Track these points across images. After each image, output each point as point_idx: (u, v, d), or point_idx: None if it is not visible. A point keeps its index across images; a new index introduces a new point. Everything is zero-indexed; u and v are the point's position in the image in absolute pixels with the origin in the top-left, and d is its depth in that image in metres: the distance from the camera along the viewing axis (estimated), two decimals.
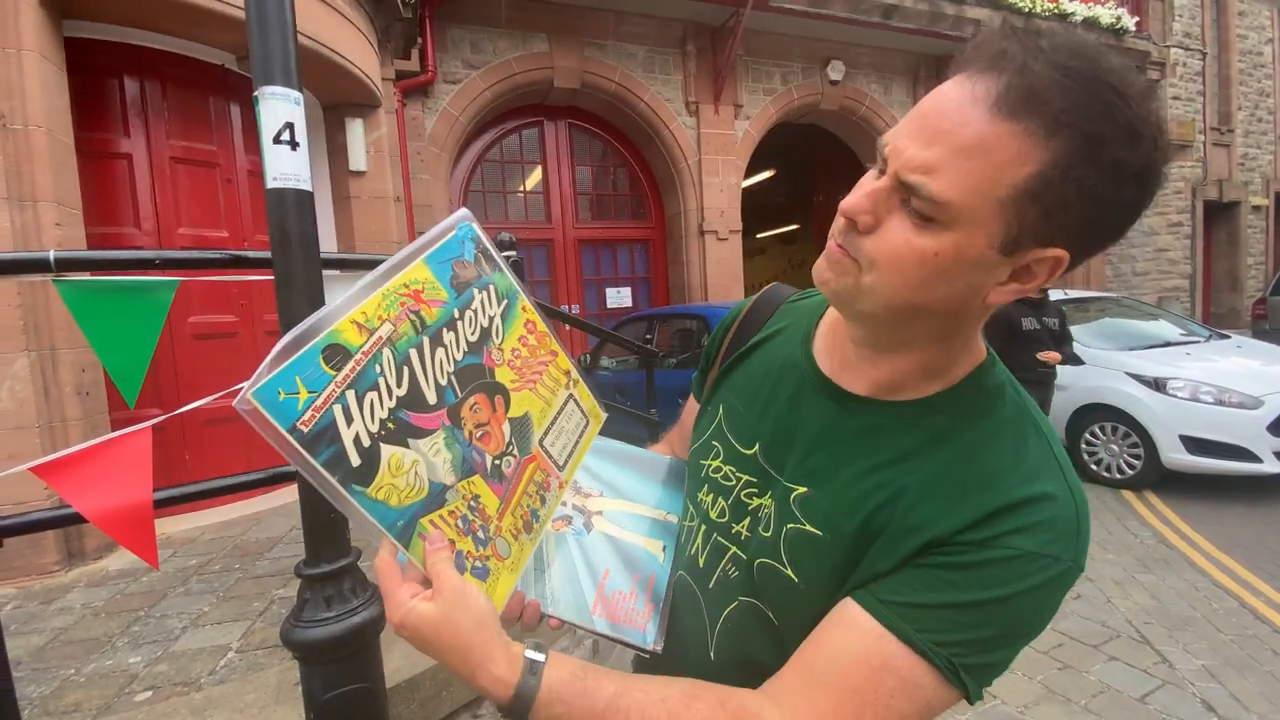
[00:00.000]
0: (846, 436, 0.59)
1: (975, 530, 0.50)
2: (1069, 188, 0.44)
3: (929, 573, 0.51)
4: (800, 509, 0.59)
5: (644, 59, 7.29)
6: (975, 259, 0.47)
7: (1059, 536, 0.50)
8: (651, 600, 0.68)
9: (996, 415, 0.55)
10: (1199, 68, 10.12)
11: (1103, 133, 0.43)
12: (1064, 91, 0.42)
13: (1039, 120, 0.43)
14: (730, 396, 0.72)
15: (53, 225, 2.90)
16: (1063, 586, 0.51)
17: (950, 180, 0.45)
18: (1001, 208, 0.45)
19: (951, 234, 0.46)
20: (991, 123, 0.44)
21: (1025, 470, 0.52)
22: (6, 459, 2.69)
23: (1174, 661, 2.46)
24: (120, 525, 1.25)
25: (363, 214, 4.95)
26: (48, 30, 3.00)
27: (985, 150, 0.44)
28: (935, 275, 0.48)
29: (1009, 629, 0.50)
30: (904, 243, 0.48)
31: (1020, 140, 0.43)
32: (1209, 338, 5.38)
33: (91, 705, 1.82)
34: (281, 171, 1.15)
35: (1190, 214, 9.99)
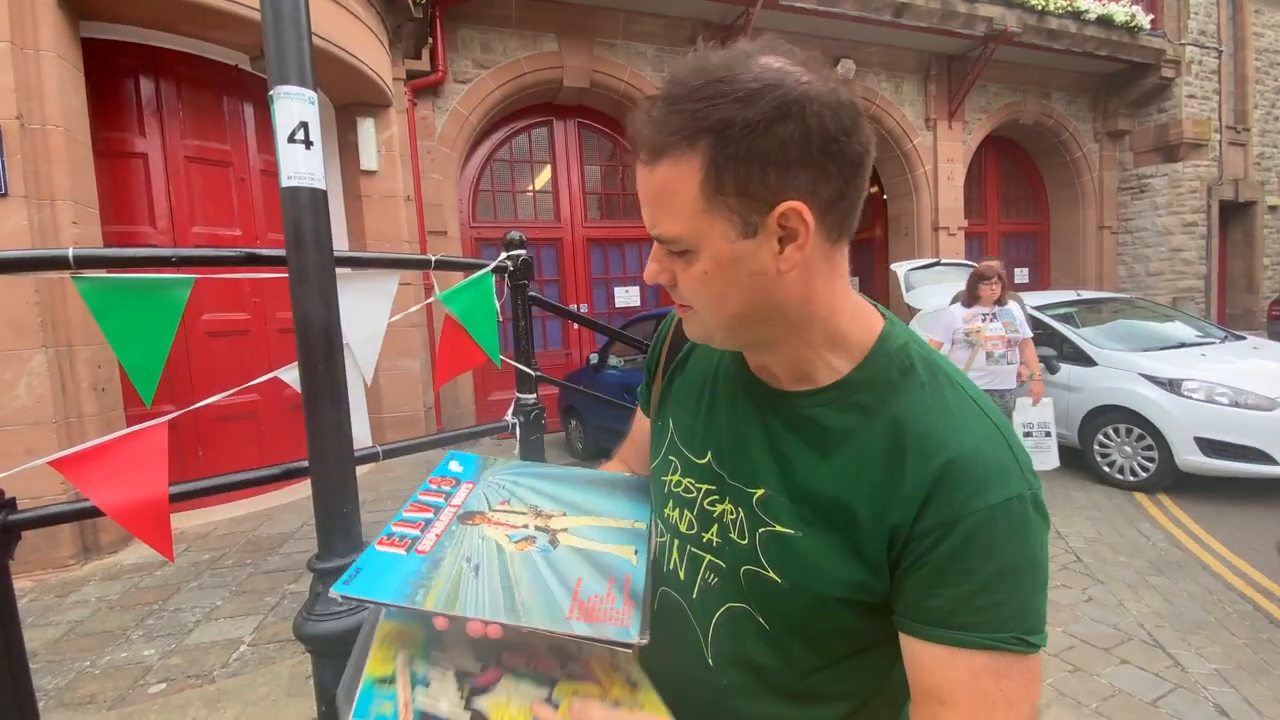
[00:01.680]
0: (785, 431, 0.62)
1: (936, 507, 0.53)
2: (734, 166, 0.50)
3: (936, 573, 0.53)
4: (765, 511, 0.61)
5: (653, 58, 7.29)
6: (732, 256, 0.54)
7: (1006, 475, 0.53)
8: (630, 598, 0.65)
9: (912, 378, 0.58)
10: (1214, 66, 9.99)
11: (721, 116, 0.49)
12: (673, 118, 0.51)
13: (674, 149, 0.51)
14: (676, 409, 0.75)
15: (70, 223, 2.94)
16: (1036, 510, 0.54)
17: (669, 222, 0.54)
18: (708, 213, 0.52)
19: (702, 253, 0.54)
20: (653, 173, 0.53)
21: (956, 427, 0.55)
22: (24, 454, 2.73)
23: (1186, 665, 2.44)
24: (136, 519, 1.27)
25: (374, 213, 4.98)
26: (65, 31, 3.04)
27: (665, 191, 0.53)
28: (722, 286, 0.55)
29: (1028, 577, 0.53)
30: (688, 278, 0.56)
31: (674, 168, 0.52)
32: (1224, 339, 5.32)
33: (106, 697, 1.84)
34: (296, 170, 1.16)
35: (1205, 214, 9.87)
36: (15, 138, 2.79)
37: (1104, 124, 10.20)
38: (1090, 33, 8.62)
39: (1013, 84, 9.37)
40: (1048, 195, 10.76)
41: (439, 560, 0.62)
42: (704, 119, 0.50)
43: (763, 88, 0.49)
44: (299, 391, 1.28)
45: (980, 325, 4.08)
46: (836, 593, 0.57)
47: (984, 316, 4.10)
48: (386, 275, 1.85)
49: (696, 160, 0.51)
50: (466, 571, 0.61)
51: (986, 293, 4.13)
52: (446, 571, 0.61)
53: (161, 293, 1.35)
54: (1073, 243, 10.51)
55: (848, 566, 0.57)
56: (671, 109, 0.51)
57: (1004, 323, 4.11)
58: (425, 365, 5.54)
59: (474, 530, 0.67)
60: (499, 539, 0.66)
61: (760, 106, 0.49)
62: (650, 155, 0.53)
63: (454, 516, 0.68)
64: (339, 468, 1.25)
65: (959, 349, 4.16)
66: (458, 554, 0.63)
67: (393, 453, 1.75)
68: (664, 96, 0.52)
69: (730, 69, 0.51)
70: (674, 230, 0.54)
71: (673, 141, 0.51)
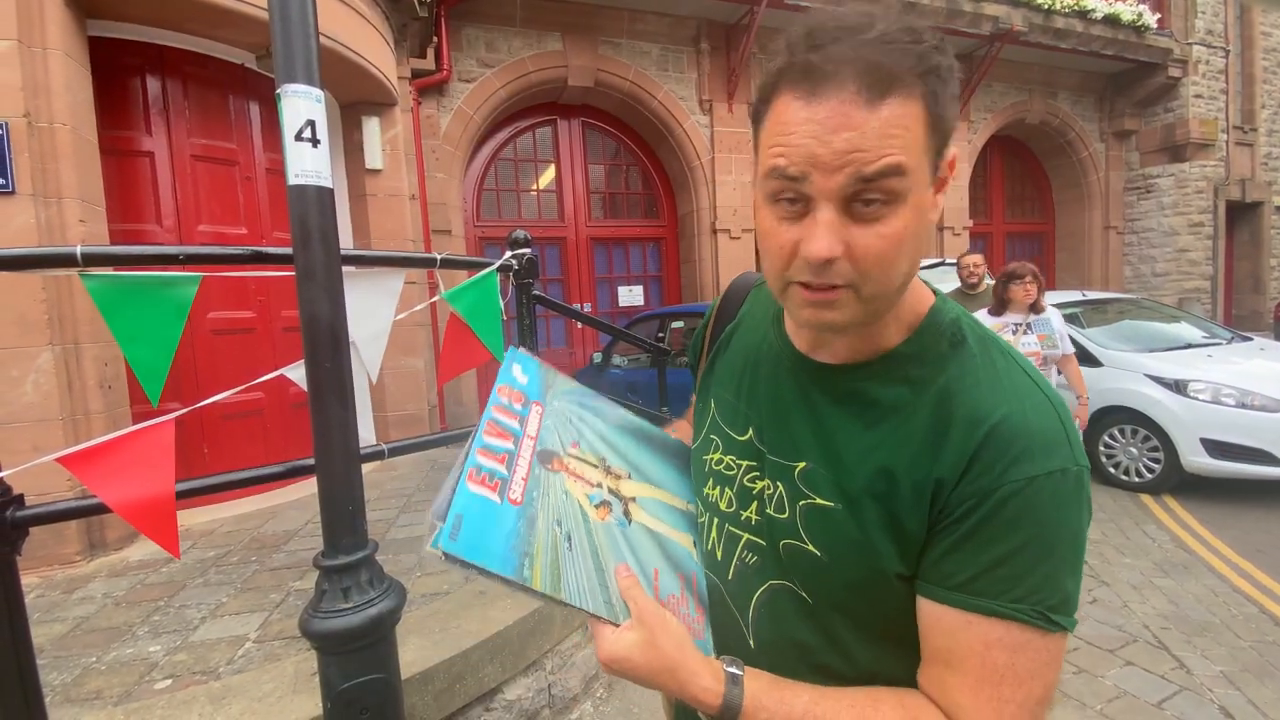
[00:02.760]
0: (829, 405, 0.61)
1: (975, 474, 0.52)
2: (945, 109, 0.51)
3: (964, 539, 0.53)
4: (806, 484, 0.61)
5: (658, 57, 7.28)
6: (925, 205, 0.52)
7: (1052, 448, 0.52)
8: (700, 603, 0.67)
9: (963, 350, 0.58)
10: (1222, 65, 9.94)
11: (936, 60, 0.50)
12: (895, 54, 0.49)
13: (904, 85, 0.49)
14: (718, 389, 0.75)
15: (77, 221, 2.95)
16: (1079, 489, 0.52)
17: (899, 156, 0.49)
18: (924, 155, 0.51)
19: (908, 201, 0.51)
20: (876, 109, 0.48)
21: (1006, 396, 0.54)
22: (31, 451, 2.75)
23: (1192, 667, 2.43)
24: (143, 515, 1.28)
25: (378, 211, 4.99)
26: (72, 29, 3.06)
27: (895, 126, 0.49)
28: (913, 242, 0.52)
29: (1060, 554, 0.52)
30: (879, 240, 0.51)
31: (904, 105, 0.49)
32: (1231, 340, 5.29)
33: (112, 693, 1.85)
34: (303, 168, 1.17)
35: (1212, 214, 9.82)
36: (22, 136, 2.81)
37: (1110, 123, 10.16)
38: (1097, 32, 8.59)
39: (1018, 83, 9.34)
40: (1053, 195, 10.73)
41: (533, 519, 0.60)
42: (927, 60, 0.49)
43: (942, 41, 0.51)
44: (304, 389, 1.29)
45: (1010, 338, 3.34)
46: (876, 566, 0.56)
47: (1015, 327, 3.39)
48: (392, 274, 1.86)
49: (920, 101, 0.49)
50: (560, 541, 0.60)
51: (1019, 296, 3.38)
52: (543, 537, 0.59)
53: (169, 291, 1.35)
54: (1078, 243, 10.47)
55: (887, 540, 0.56)
56: (890, 45, 0.49)
57: (1039, 335, 3.38)
58: (429, 364, 5.55)
59: (556, 480, 0.65)
60: (581, 499, 0.65)
61: (949, 57, 0.51)
62: (876, 90, 0.48)
63: (534, 454, 0.66)
64: (345, 465, 1.26)
65: None
66: (548, 512, 0.62)
67: (397, 450, 1.75)
68: (865, 35, 0.49)
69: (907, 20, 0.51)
70: (908, 163, 0.49)
71: (905, 76, 0.49)
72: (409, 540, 3.01)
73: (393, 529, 3.22)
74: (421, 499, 3.80)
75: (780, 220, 0.53)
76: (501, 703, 2.04)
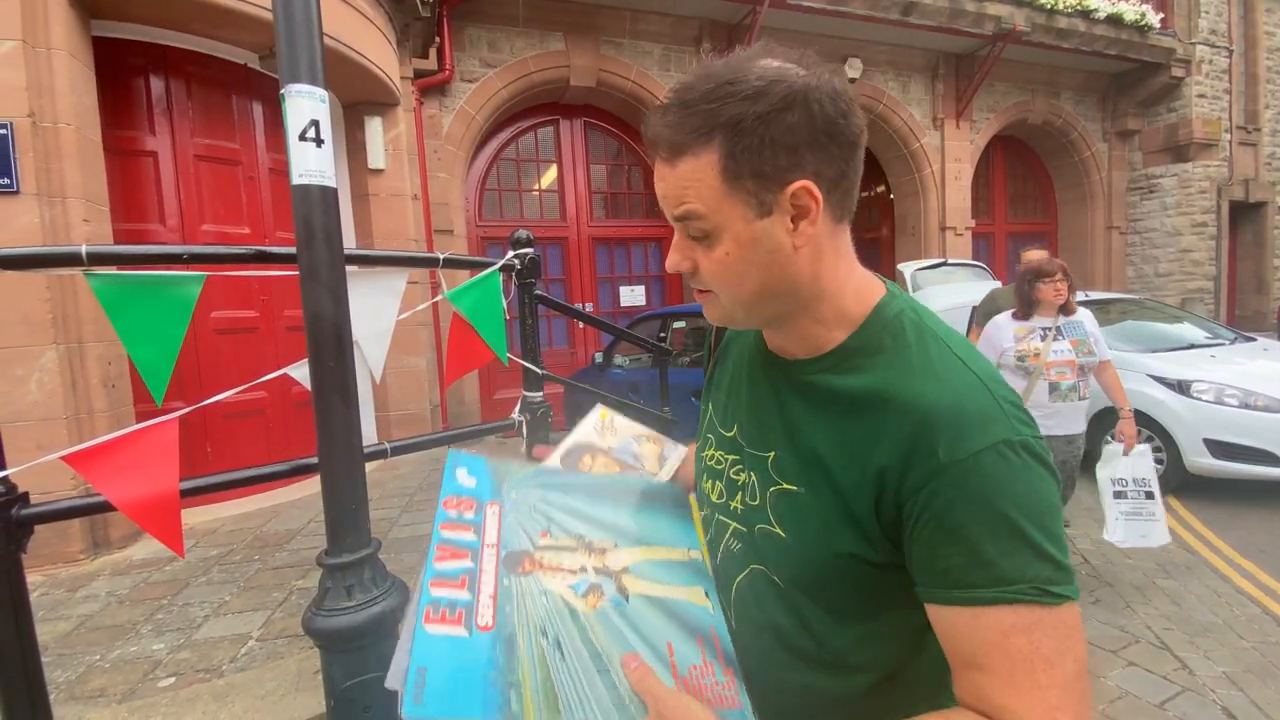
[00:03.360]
0: (793, 397, 0.67)
1: (919, 461, 0.54)
2: (747, 154, 0.56)
3: (936, 532, 0.54)
4: (776, 471, 0.65)
5: (660, 57, 7.28)
6: (751, 236, 0.58)
7: (987, 422, 0.54)
8: (727, 664, 0.61)
9: (900, 340, 0.62)
10: (1225, 65, 9.91)
11: (734, 112, 0.55)
12: (688, 119, 0.57)
13: (693, 146, 0.57)
14: (716, 392, 0.81)
15: (81, 221, 2.96)
16: (1031, 454, 0.54)
17: (693, 204, 0.58)
18: (729, 197, 0.57)
19: (724, 235, 0.59)
20: (674, 169, 0.59)
21: (935, 380, 0.57)
22: (35, 449, 2.76)
23: (1194, 668, 2.43)
24: (148, 514, 1.28)
25: (381, 211, 5.00)
26: (76, 30, 3.07)
27: (685, 181, 0.58)
28: (742, 266, 0.60)
29: (1033, 524, 0.52)
30: (710, 261, 0.61)
31: (694, 162, 0.57)
32: (1234, 340, 5.28)
33: (116, 690, 1.86)
34: (307, 168, 1.17)
35: (1215, 214, 9.79)
36: (27, 135, 2.82)
37: (1113, 123, 10.13)
38: (1100, 31, 8.57)
39: (1021, 83, 9.32)
40: (1056, 195, 10.71)
41: (512, 639, 0.54)
42: (718, 116, 0.55)
43: (768, 84, 0.55)
44: (308, 389, 1.29)
45: (1038, 345, 2.88)
46: (833, 547, 0.60)
47: (1043, 333, 2.92)
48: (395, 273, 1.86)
49: (714, 153, 0.56)
50: (549, 653, 0.53)
51: (1048, 296, 2.89)
52: (527, 657, 0.53)
53: (173, 290, 1.36)
54: (1081, 243, 10.45)
55: (841, 523, 0.59)
56: (686, 111, 0.57)
57: (1072, 340, 2.91)
58: (431, 363, 5.56)
59: (530, 583, 0.59)
60: (564, 594, 0.59)
61: (768, 100, 0.55)
62: (671, 153, 0.58)
63: (498, 563, 0.60)
64: (348, 464, 1.26)
65: (1008, 377, 2.88)
66: (529, 625, 0.55)
67: (400, 450, 1.76)
68: (677, 102, 0.58)
69: (735, 72, 0.56)
70: (698, 209, 0.58)
71: (691, 139, 0.57)
72: (411, 539, 3.02)
73: (395, 528, 3.22)
74: (424, 498, 3.80)
75: None
76: None
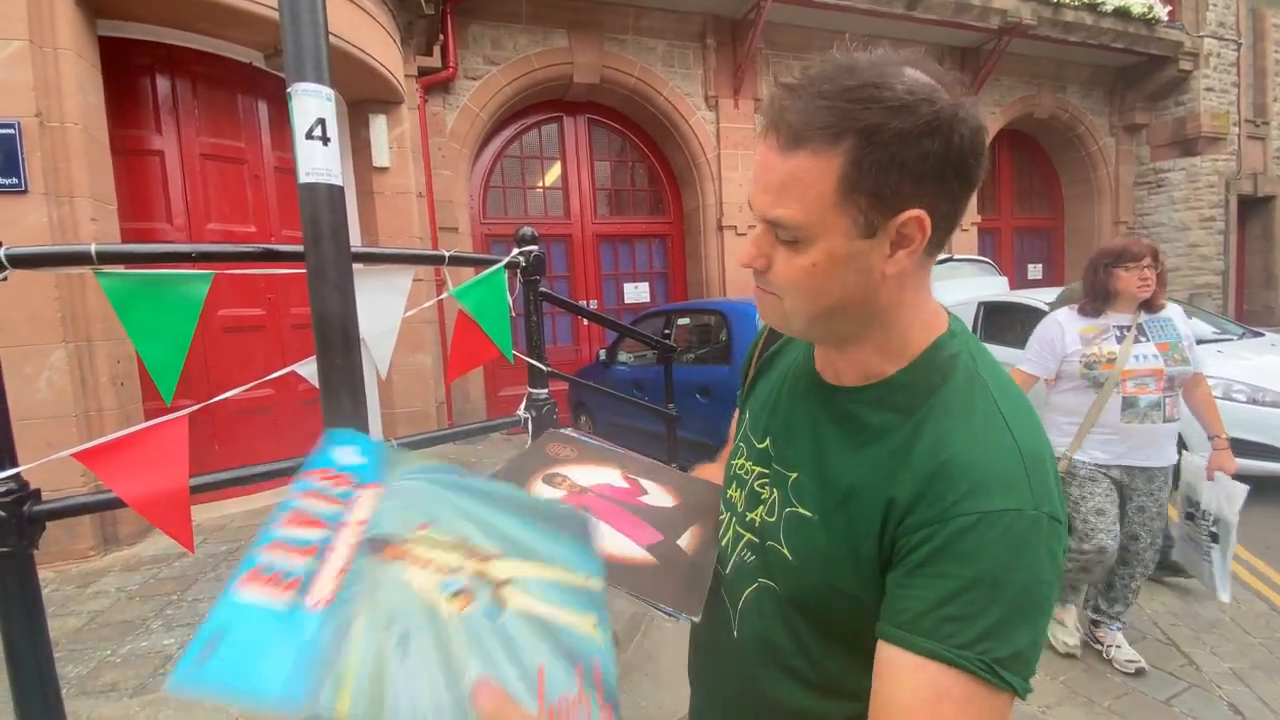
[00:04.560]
0: (828, 423, 0.65)
1: (928, 503, 0.53)
2: (873, 170, 0.52)
3: (915, 571, 0.52)
4: (794, 493, 0.65)
5: (663, 53, 7.27)
6: (845, 254, 0.55)
7: (1008, 486, 0.52)
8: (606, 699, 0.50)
9: (949, 384, 0.59)
10: (1233, 58, 9.82)
11: (873, 120, 0.51)
12: (821, 112, 0.52)
13: (817, 141, 0.52)
14: (753, 403, 0.79)
15: (88, 220, 2.98)
16: (1040, 537, 0.51)
17: (792, 208, 0.55)
18: (836, 209, 0.54)
19: (816, 245, 0.55)
20: (785, 159, 0.54)
21: (969, 432, 0.55)
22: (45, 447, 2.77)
23: (1201, 664, 2.42)
24: (158, 510, 1.29)
25: (386, 209, 5.01)
26: (83, 29, 3.08)
27: (796, 179, 0.54)
28: (824, 280, 0.57)
29: (1012, 601, 0.50)
30: (790, 267, 0.57)
31: (812, 160, 0.53)
32: (1242, 335, 5.25)
33: (127, 685, 1.88)
34: (314, 166, 1.18)
35: (1223, 208, 9.72)
36: (35, 135, 2.83)
37: (1120, 117, 10.07)
38: (1107, 25, 8.51)
39: (1027, 77, 9.26)
40: (1062, 190, 10.65)
41: (346, 624, 0.44)
42: (855, 119, 0.51)
43: (916, 101, 0.51)
44: (315, 386, 1.30)
45: (1113, 349, 2.25)
46: (830, 579, 0.59)
47: (1120, 332, 2.28)
48: (400, 270, 1.87)
49: (838, 157, 0.52)
50: (389, 650, 0.44)
51: (1131, 286, 2.25)
52: (361, 647, 0.43)
53: (182, 288, 1.37)
54: (1088, 238, 10.39)
55: (845, 560, 0.58)
56: (821, 102, 0.52)
57: (1159, 344, 2.27)
58: (436, 361, 5.57)
59: (390, 571, 0.49)
60: (426, 590, 0.49)
61: (913, 119, 0.51)
62: (789, 142, 0.54)
63: (359, 542, 0.51)
64: None
65: (1072, 389, 2.31)
66: (374, 612, 0.46)
67: (406, 446, 1.76)
68: (812, 89, 0.53)
69: (883, 76, 0.52)
70: (795, 218, 0.55)
71: (818, 134, 0.52)
72: None
73: None
74: None
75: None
76: None
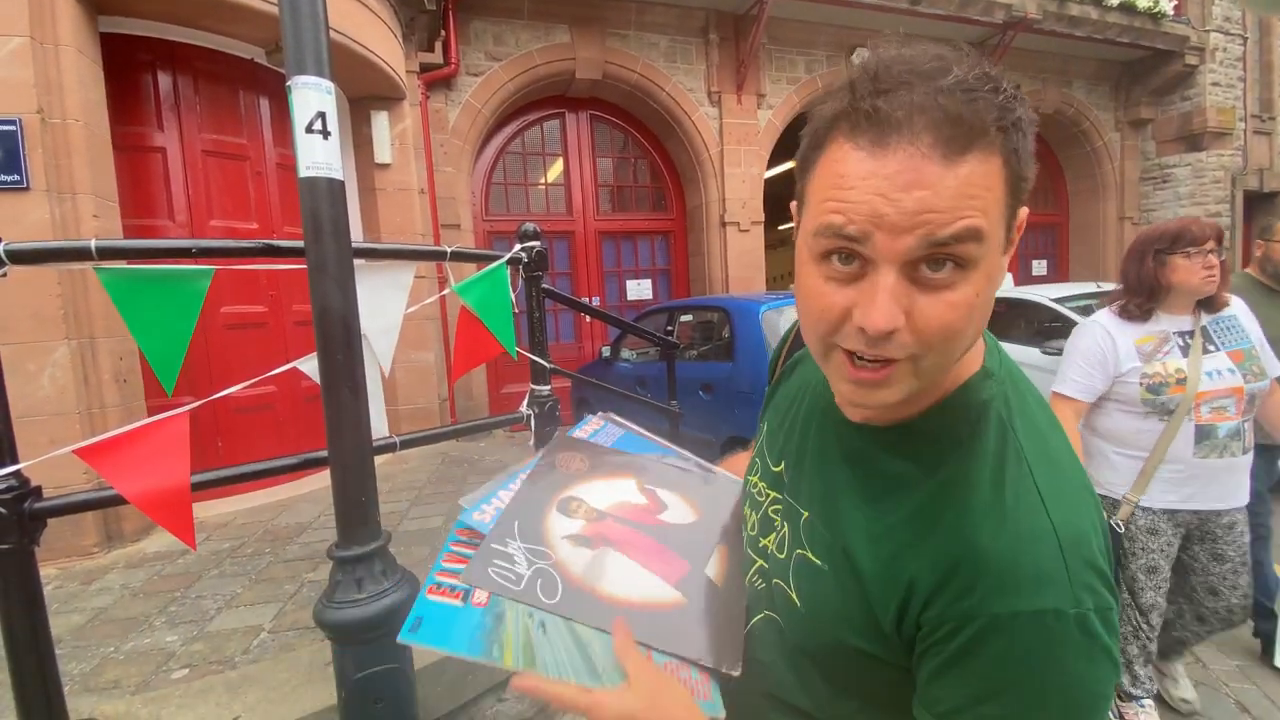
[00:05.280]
0: (840, 462, 0.58)
1: (954, 597, 0.47)
2: (1021, 169, 0.46)
3: (949, 664, 0.47)
4: (806, 535, 0.59)
5: (666, 48, 7.24)
6: (995, 270, 0.47)
7: (1042, 583, 0.45)
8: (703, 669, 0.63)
9: (977, 443, 0.51)
10: (1239, 53, 9.76)
11: (1013, 115, 0.44)
12: (978, 107, 0.43)
13: (985, 141, 0.44)
14: (772, 414, 0.73)
15: (90, 217, 2.97)
16: (1086, 637, 0.44)
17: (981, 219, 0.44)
18: (1002, 218, 0.46)
19: (980, 267, 0.45)
20: (954, 167, 0.43)
21: (998, 513, 0.48)
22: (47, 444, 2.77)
23: (1207, 661, 2.41)
24: (160, 507, 1.29)
25: (388, 206, 5.00)
26: (84, 26, 3.07)
27: (975, 187, 0.44)
28: (982, 313, 0.47)
29: (1056, 708, 0.45)
30: (948, 309, 0.45)
31: (985, 163, 0.44)
32: None
33: (130, 682, 1.88)
34: (314, 160, 1.17)
35: (1229, 204, 9.67)
36: (36, 132, 2.83)
37: (1125, 112, 10.01)
38: (1112, 19, 8.46)
39: (1032, 72, 9.22)
40: (1067, 186, 10.60)
41: (500, 615, 0.60)
42: (1010, 112, 0.44)
43: (1018, 90, 0.45)
44: (317, 383, 1.29)
45: (1180, 364, 1.78)
46: (842, 636, 0.54)
47: (1183, 340, 1.82)
48: (402, 267, 1.86)
49: (1001, 157, 0.44)
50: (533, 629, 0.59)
51: (1193, 280, 1.80)
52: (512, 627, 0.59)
53: (182, 283, 1.36)
54: (1093, 234, 10.35)
55: (859, 616, 0.53)
56: (972, 95, 0.43)
57: (1231, 354, 1.82)
58: (439, 358, 5.57)
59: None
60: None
61: (1028, 108, 0.46)
62: (957, 146, 0.43)
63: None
64: (358, 457, 1.26)
65: (1125, 413, 1.84)
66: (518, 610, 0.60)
67: (410, 443, 1.76)
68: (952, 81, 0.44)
69: (978, 65, 0.45)
70: (987, 228, 0.44)
71: (986, 131, 0.43)
72: (420, 532, 3.03)
73: (404, 521, 3.24)
74: (432, 491, 3.82)
75: (828, 280, 0.48)
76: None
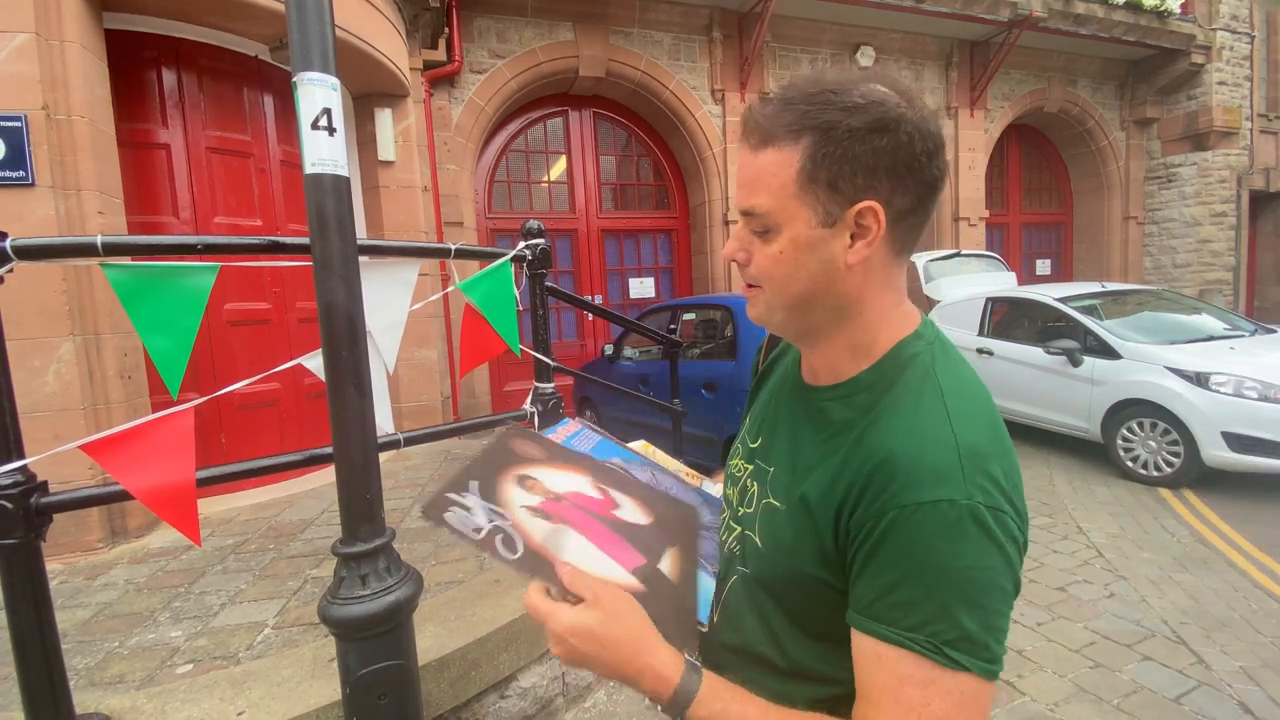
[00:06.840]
0: (803, 421, 0.70)
1: (869, 499, 0.57)
2: (829, 163, 0.59)
3: (866, 562, 0.57)
4: (771, 486, 0.70)
5: (669, 46, 7.23)
6: (808, 241, 0.61)
7: (940, 478, 0.54)
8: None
9: (902, 382, 0.63)
10: (1246, 52, 9.70)
11: (828, 119, 0.58)
12: (785, 114, 0.60)
13: (781, 139, 0.60)
14: (755, 407, 0.84)
15: (95, 213, 2.98)
16: (977, 526, 0.53)
17: (761, 198, 0.62)
18: (797, 198, 0.60)
19: (782, 232, 0.62)
20: (756, 157, 0.62)
21: (910, 427, 0.59)
22: (53, 440, 2.79)
23: (1210, 662, 2.40)
24: (164, 502, 1.29)
25: (391, 203, 5.00)
26: (89, 22, 3.07)
27: (764, 173, 0.62)
28: (792, 267, 0.62)
29: (951, 586, 0.53)
30: (763, 256, 0.64)
31: (777, 155, 0.60)
32: (1254, 332, 5.19)
33: (135, 677, 1.88)
34: (319, 157, 1.17)
35: (1235, 204, 9.62)
36: (41, 128, 2.83)
37: (1131, 111, 9.97)
38: (1118, 17, 8.42)
39: (1037, 70, 9.18)
40: (1071, 185, 10.56)
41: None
42: (813, 118, 0.59)
43: (868, 104, 0.58)
44: (321, 380, 1.29)
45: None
46: (797, 566, 0.63)
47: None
48: (407, 264, 1.86)
49: (798, 152, 0.59)
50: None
51: None
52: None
53: (187, 280, 1.36)
54: (1097, 234, 10.32)
55: (809, 545, 0.62)
56: (785, 107, 0.60)
57: None
58: (443, 355, 5.58)
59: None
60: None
61: (863, 118, 0.58)
62: (758, 142, 0.61)
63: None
64: (363, 453, 1.26)
65: None
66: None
67: (413, 440, 1.76)
68: (780, 97, 0.61)
69: (842, 84, 0.60)
70: (764, 205, 0.62)
71: (781, 133, 0.60)
72: (424, 529, 3.03)
73: (408, 518, 3.24)
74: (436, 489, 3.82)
75: None
76: (516, 690, 2.06)
